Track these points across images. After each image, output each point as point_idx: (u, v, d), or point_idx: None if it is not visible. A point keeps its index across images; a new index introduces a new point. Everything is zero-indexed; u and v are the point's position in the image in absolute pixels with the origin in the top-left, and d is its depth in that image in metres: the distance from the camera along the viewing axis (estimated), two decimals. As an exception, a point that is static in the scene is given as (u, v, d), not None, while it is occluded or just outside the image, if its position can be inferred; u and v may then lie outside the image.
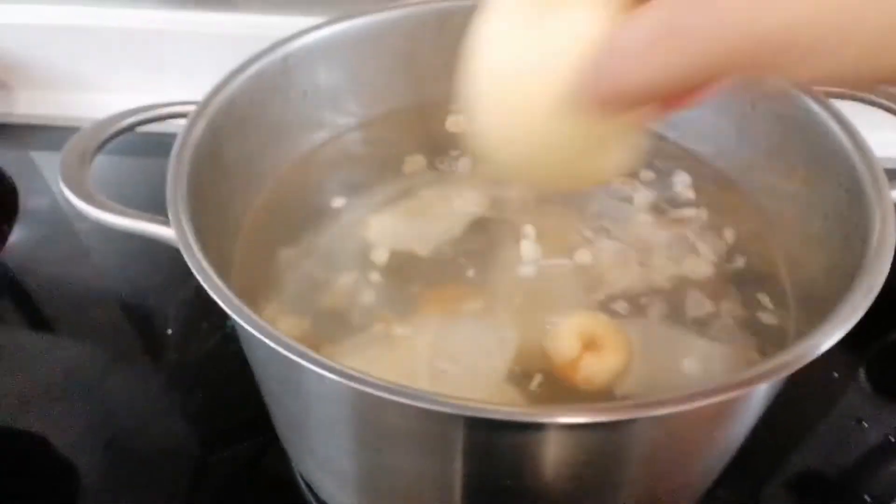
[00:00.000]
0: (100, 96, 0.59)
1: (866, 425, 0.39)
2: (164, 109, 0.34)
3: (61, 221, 0.54)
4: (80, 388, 0.43)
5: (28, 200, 0.56)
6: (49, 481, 0.39)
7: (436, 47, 0.41)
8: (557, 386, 0.30)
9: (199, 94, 0.35)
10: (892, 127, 0.34)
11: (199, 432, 0.41)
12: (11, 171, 0.58)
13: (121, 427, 0.41)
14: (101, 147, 0.32)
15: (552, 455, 0.25)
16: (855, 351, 0.43)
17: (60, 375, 0.43)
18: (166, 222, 0.28)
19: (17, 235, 0.53)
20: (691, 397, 0.22)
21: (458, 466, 0.26)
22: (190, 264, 0.26)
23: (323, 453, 0.32)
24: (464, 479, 0.27)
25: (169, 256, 0.49)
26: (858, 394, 0.40)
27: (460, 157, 0.41)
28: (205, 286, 0.25)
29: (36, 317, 0.48)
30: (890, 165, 0.30)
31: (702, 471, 0.31)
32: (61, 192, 0.53)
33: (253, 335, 0.24)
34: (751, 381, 0.23)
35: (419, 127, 0.43)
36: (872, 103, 0.34)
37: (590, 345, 0.30)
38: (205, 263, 0.26)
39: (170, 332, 0.46)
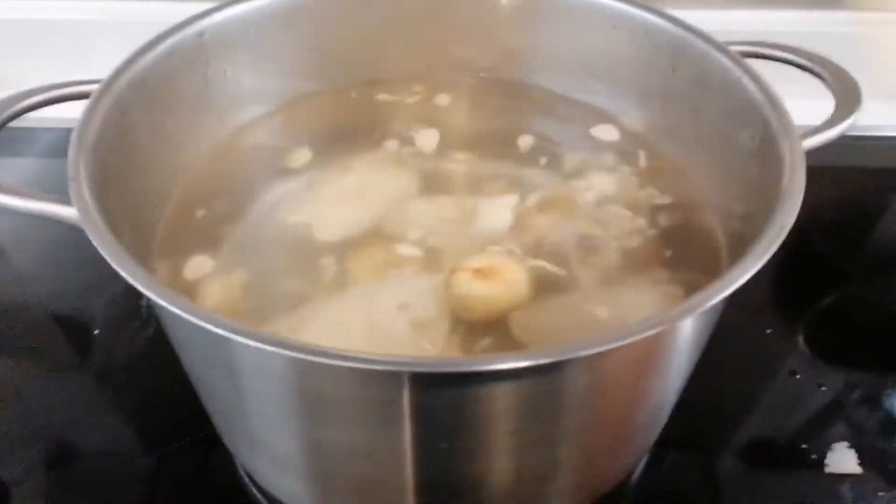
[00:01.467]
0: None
1: (801, 380, 0.40)
2: (67, 89, 0.32)
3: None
4: (5, 400, 0.40)
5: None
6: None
7: (362, 24, 0.41)
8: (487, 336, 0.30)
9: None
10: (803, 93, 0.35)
11: (135, 434, 0.39)
12: None
13: (51, 437, 0.39)
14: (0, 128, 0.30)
15: (490, 407, 0.25)
16: (794, 315, 0.44)
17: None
18: (68, 202, 0.26)
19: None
20: (619, 335, 0.22)
21: (398, 431, 0.25)
22: (95, 243, 0.25)
23: (260, 437, 0.31)
24: (411, 443, 0.26)
25: (91, 258, 0.48)
26: (798, 357, 0.41)
27: (386, 136, 0.40)
28: (116, 268, 0.24)
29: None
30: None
31: (641, 422, 0.31)
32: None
33: (175, 314, 0.23)
34: (672, 317, 0.23)
35: (344, 107, 0.42)
36: (783, 60, 0.35)
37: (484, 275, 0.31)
38: (113, 242, 0.25)
39: (97, 332, 0.43)
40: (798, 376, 0.41)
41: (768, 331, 0.43)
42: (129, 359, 0.42)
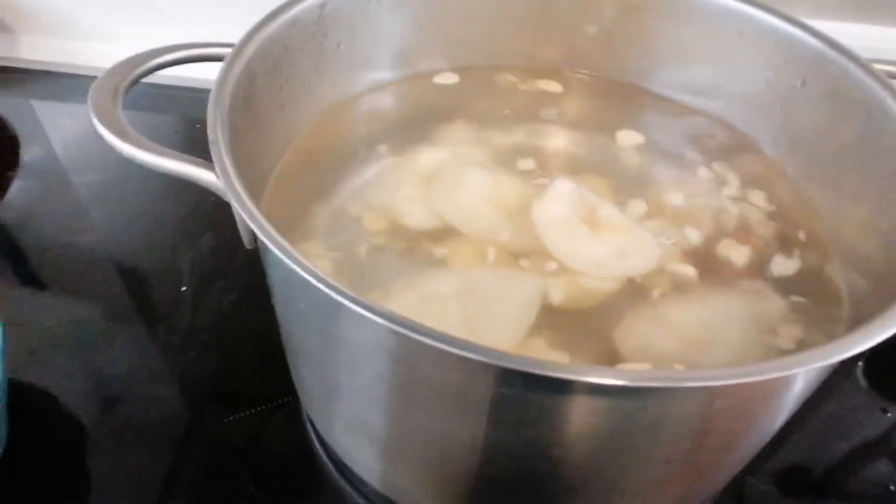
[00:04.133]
0: (103, 46, 0.57)
1: (860, 419, 0.39)
2: (200, 49, 0.32)
3: (61, 175, 0.52)
4: (87, 346, 0.41)
5: (28, 151, 0.53)
6: (56, 436, 0.37)
7: (470, 10, 0.40)
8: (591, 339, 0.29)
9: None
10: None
11: (212, 394, 0.40)
12: (12, 118, 0.56)
13: (128, 385, 0.39)
14: (133, 83, 0.30)
15: (581, 419, 0.25)
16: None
17: (64, 333, 0.42)
18: (208, 165, 0.26)
19: (15, 188, 0.50)
20: (759, 369, 0.21)
21: (486, 424, 0.25)
22: (237, 207, 0.25)
23: (352, 412, 0.31)
24: (490, 441, 0.26)
25: (174, 214, 0.49)
26: (855, 389, 0.40)
27: (501, 119, 0.40)
28: (255, 229, 0.24)
29: (35, 273, 0.46)
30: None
31: (740, 454, 0.30)
32: (64, 142, 0.53)
33: (300, 279, 0.23)
34: (819, 358, 0.22)
35: (454, 89, 0.41)
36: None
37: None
38: (252, 206, 0.25)
39: (184, 289, 0.44)
40: (854, 410, 0.39)
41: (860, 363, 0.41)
42: (213, 320, 0.43)
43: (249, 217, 0.24)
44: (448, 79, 0.42)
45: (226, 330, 0.42)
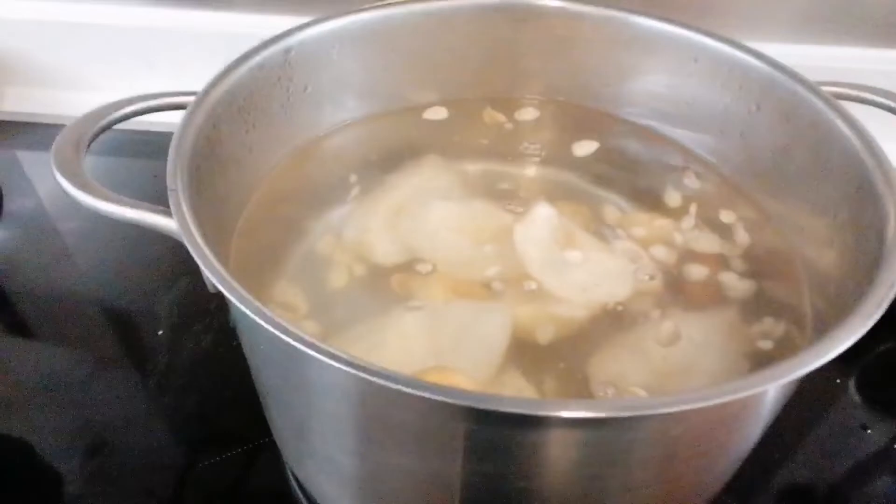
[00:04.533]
0: (89, 95, 0.58)
1: (856, 434, 0.39)
2: (162, 99, 0.33)
3: (45, 222, 0.53)
4: (65, 393, 0.41)
5: (12, 201, 0.54)
6: (32, 487, 0.37)
7: (439, 46, 0.41)
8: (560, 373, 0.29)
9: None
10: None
11: (189, 437, 0.40)
12: (-3, 170, 0.57)
13: (107, 432, 0.39)
14: (96, 136, 0.31)
15: (555, 452, 0.25)
16: (845, 362, 0.43)
17: (45, 379, 0.42)
18: (166, 212, 0.27)
19: (-1, 236, 0.51)
20: (713, 393, 0.21)
21: (460, 462, 0.25)
22: (194, 255, 0.25)
23: (324, 452, 0.31)
24: (465, 477, 0.26)
25: (155, 258, 0.49)
26: (849, 405, 0.40)
27: (471, 150, 0.41)
28: (210, 277, 0.24)
29: (19, 320, 0.47)
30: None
31: (714, 475, 0.30)
32: (47, 191, 0.54)
33: (260, 326, 0.23)
34: (775, 376, 0.22)
35: (421, 124, 0.42)
36: (883, 106, 0.34)
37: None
38: (209, 254, 0.25)
39: (160, 333, 0.44)
40: (864, 428, 0.39)
41: (837, 381, 0.41)
42: (191, 362, 0.43)
43: (206, 265, 0.24)
44: (415, 113, 0.43)
45: (203, 372, 0.42)
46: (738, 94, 0.37)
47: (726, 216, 0.37)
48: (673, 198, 0.38)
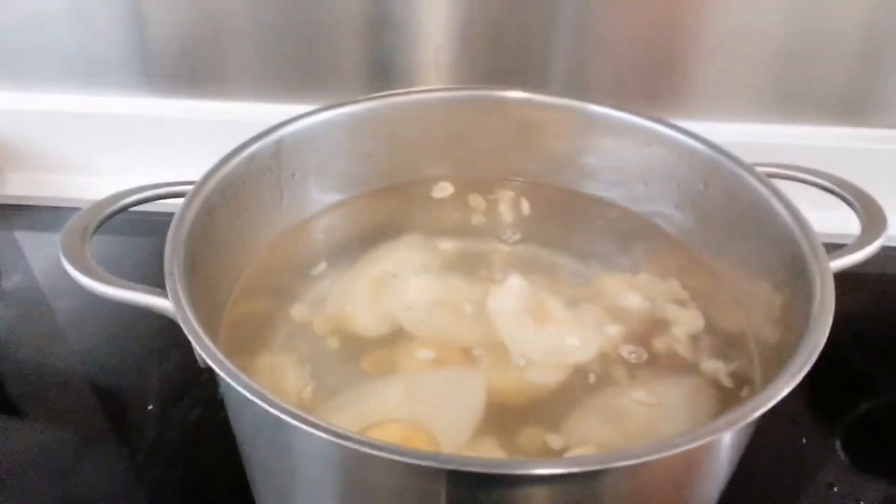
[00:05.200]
0: (87, 179, 0.61)
1: (838, 491, 0.40)
2: (163, 189, 0.36)
3: (40, 301, 0.55)
4: (53, 469, 0.42)
5: (8, 280, 0.56)
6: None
7: (417, 133, 0.45)
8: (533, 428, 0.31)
9: (186, 178, 0.37)
10: (828, 205, 0.38)
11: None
12: (-4, 251, 0.59)
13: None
14: (101, 224, 0.34)
15: None
16: (830, 423, 0.45)
17: (34, 455, 0.43)
18: (164, 294, 0.29)
19: (-6, 315, 0.53)
20: (661, 446, 0.24)
21: None
22: (187, 333, 0.27)
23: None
24: None
25: (145, 334, 0.51)
26: (834, 464, 0.42)
27: (449, 228, 0.44)
28: (200, 352, 0.26)
29: (10, 398, 0.48)
30: (827, 240, 0.33)
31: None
32: (43, 270, 0.56)
33: (244, 397, 0.25)
34: (711, 431, 0.24)
35: (401, 204, 0.45)
36: (811, 183, 0.38)
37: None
38: (200, 332, 0.27)
39: (150, 408, 0.45)
40: (835, 488, 0.41)
41: (804, 440, 0.43)
42: (179, 436, 0.44)
43: (198, 343, 0.27)
44: (395, 193, 0.46)
45: (191, 446, 0.43)
46: (687, 173, 0.41)
47: (684, 282, 0.40)
48: (635, 266, 0.41)
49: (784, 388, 0.25)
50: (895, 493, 0.40)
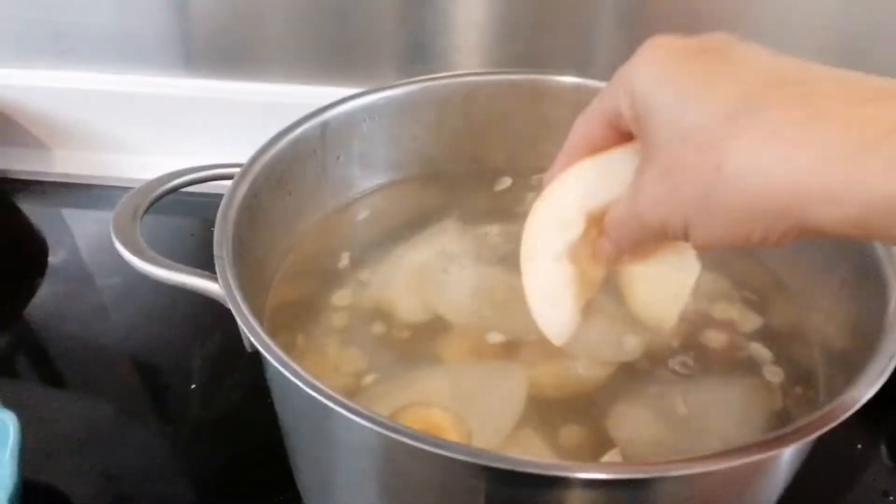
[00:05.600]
0: (131, 158, 0.62)
1: (892, 499, 0.39)
2: (211, 171, 0.36)
3: (86, 278, 0.56)
4: (101, 445, 0.43)
5: (55, 257, 0.57)
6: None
7: (462, 116, 0.44)
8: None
9: (227, 159, 0.37)
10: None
11: (215, 491, 0.41)
12: (42, 227, 0.60)
13: (136, 484, 0.41)
14: (151, 205, 0.34)
15: None
16: (876, 425, 0.43)
17: (80, 431, 0.44)
18: (213, 277, 0.29)
19: (42, 291, 0.54)
20: (718, 457, 0.23)
21: None
22: (237, 318, 0.27)
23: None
24: None
25: (189, 314, 0.51)
26: (878, 469, 0.40)
27: (479, 221, 0.43)
28: (250, 338, 0.26)
29: (57, 373, 0.49)
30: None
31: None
32: (89, 247, 0.57)
33: (292, 383, 0.25)
34: (781, 442, 0.23)
35: (446, 190, 0.45)
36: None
37: None
38: (250, 317, 0.27)
39: (193, 387, 0.46)
40: (891, 496, 0.39)
41: (859, 446, 0.41)
42: (220, 417, 0.44)
43: (248, 328, 0.27)
44: (439, 179, 0.45)
45: (232, 427, 0.44)
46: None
47: (741, 280, 0.38)
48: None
49: (861, 396, 0.23)
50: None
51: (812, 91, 0.20)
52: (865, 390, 0.24)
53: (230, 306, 0.28)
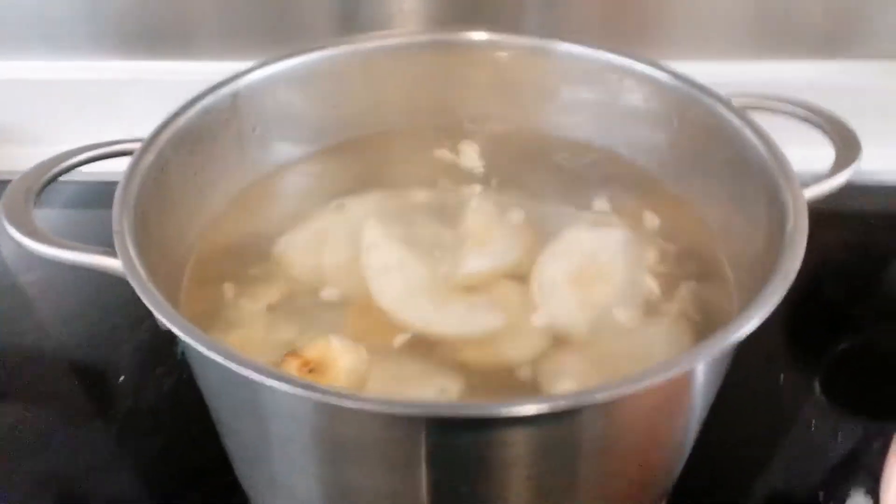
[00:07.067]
0: (48, 149, 0.58)
1: (817, 428, 0.40)
2: (112, 147, 0.34)
3: (8, 276, 0.53)
4: (26, 445, 0.41)
5: (-31, 257, 0.54)
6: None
7: (380, 81, 0.43)
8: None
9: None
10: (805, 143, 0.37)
11: (154, 481, 0.40)
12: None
13: (72, 483, 0.39)
14: (46, 185, 0.32)
15: (507, 451, 0.26)
16: (808, 362, 0.44)
17: (6, 433, 0.42)
18: (112, 253, 0.28)
19: (-43, 293, 0.51)
20: (631, 380, 0.23)
21: (420, 474, 0.26)
22: (138, 291, 0.26)
23: (284, 482, 0.31)
24: (428, 488, 0.27)
25: (115, 305, 0.50)
26: (811, 403, 0.41)
27: (403, 184, 0.42)
28: (153, 311, 0.25)
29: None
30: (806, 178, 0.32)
31: (657, 467, 0.31)
32: (7, 245, 0.54)
33: (205, 356, 0.24)
34: (682, 362, 0.24)
35: (368, 157, 0.44)
36: (785, 112, 0.37)
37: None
38: (153, 289, 0.26)
39: (122, 379, 0.44)
40: (814, 425, 0.41)
41: (782, 376, 0.43)
42: (153, 407, 0.43)
43: (151, 301, 0.25)
44: (360, 146, 0.44)
45: (166, 415, 0.42)
46: (661, 109, 0.39)
47: (659, 216, 0.39)
48: (606, 204, 0.40)
49: (756, 315, 0.24)
50: (874, 430, 0.40)
51: None
52: (760, 309, 0.24)
53: (130, 280, 0.26)
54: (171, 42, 0.57)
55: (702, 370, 0.26)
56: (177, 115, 0.36)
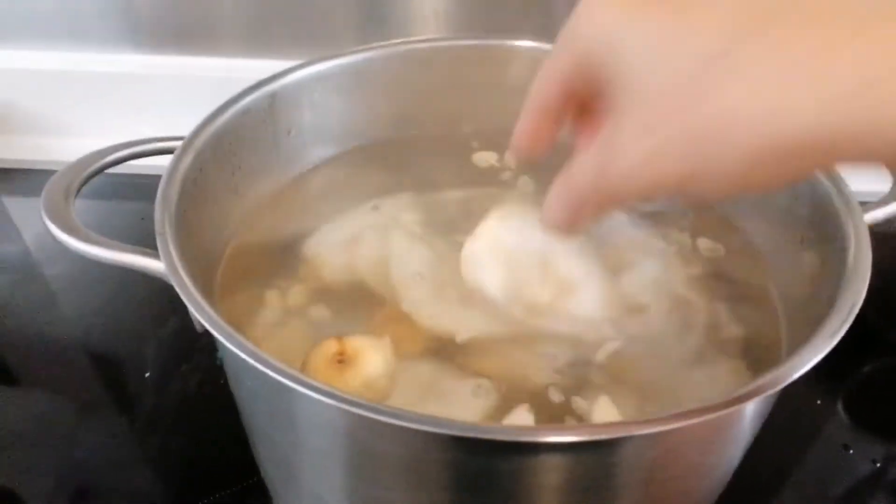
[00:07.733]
0: (77, 141, 0.59)
1: (849, 453, 0.39)
2: (151, 145, 0.34)
3: (32, 268, 0.53)
4: (50, 438, 0.41)
5: (-2, 247, 0.54)
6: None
7: (416, 85, 0.43)
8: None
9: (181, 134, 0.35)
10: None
11: (176, 479, 0.40)
12: (-18, 216, 0.57)
13: (93, 476, 0.39)
14: (86, 181, 0.32)
15: (544, 479, 0.25)
16: (832, 383, 0.44)
17: (30, 424, 0.42)
18: (154, 254, 0.28)
19: (-15, 283, 0.51)
20: (684, 415, 0.22)
21: (449, 494, 0.25)
22: (182, 295, 0.26)
23: (313, 490, 0.31)
24: None
25: (142, 300, 0.50)
26: (837, 425, 0.41)
27: (429, 188, 0.41)
28: (196, 315, 0.25)
29: (5, 366, 0.46)
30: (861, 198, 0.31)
31: (697, 497, 0.31)
32: (34, 236, 0.54)
33: (246, 363, 0.24)
34: (742, 398, 0.23)
35: (397, 160, 0.43)
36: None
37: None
38: (196, 294, 0.26)
39: (147, 375, 0.44)
40: (851, 450, 0.40)
41: (818, 402, 0.42)
42: (178, 403, 0.43)
43: (193, 305, 0.25)
44: (394, 148, 0.44)
45: (190, 413, 0.42)
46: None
47: (704, 234, 0.38)
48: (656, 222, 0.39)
49: (822, 349, 0.23)
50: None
51: (813, 12, 0.17)
52: (825, 343, 0.23)
53: (174, 284, 0.26)
54: (199, 38, 0.57)
55: (756, 405, 0.25)
56: (215, 115, 0.36)
